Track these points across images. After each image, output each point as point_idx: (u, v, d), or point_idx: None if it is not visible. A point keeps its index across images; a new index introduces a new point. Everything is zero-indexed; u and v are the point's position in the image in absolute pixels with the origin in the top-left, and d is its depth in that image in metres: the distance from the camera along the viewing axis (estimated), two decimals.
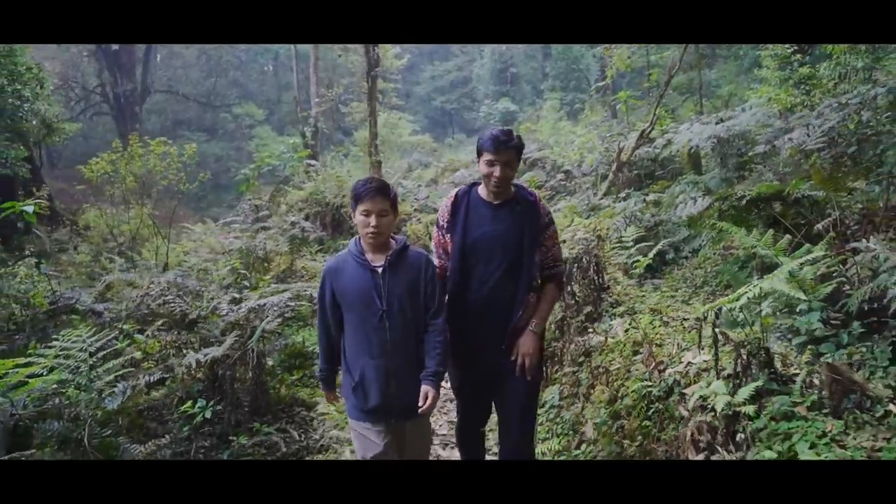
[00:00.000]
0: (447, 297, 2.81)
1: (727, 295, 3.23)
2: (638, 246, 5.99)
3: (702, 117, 8.61)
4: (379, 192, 2.58)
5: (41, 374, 3.58)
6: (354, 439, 2.77)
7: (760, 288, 2.19)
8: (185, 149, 8.55)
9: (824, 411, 2.13)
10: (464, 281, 2.77)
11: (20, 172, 13.66)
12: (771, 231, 3.86)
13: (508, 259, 2.73)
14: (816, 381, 2.34)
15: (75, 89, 30.72)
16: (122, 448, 3.24)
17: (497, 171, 2.68)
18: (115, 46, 29.66)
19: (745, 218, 5.45)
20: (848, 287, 3.70)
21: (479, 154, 2.76)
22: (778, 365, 2.51)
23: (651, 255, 5.82)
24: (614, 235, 6.22)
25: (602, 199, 9.02)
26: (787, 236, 3.85)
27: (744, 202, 5.02)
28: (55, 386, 3.53)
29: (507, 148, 2.68)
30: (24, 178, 14.26)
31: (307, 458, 3.97)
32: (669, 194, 7.61)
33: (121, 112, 29.51)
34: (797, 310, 3.51)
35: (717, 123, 7.59)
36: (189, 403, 3.70)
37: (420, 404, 2.58)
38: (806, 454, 1.88)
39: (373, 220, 2.57)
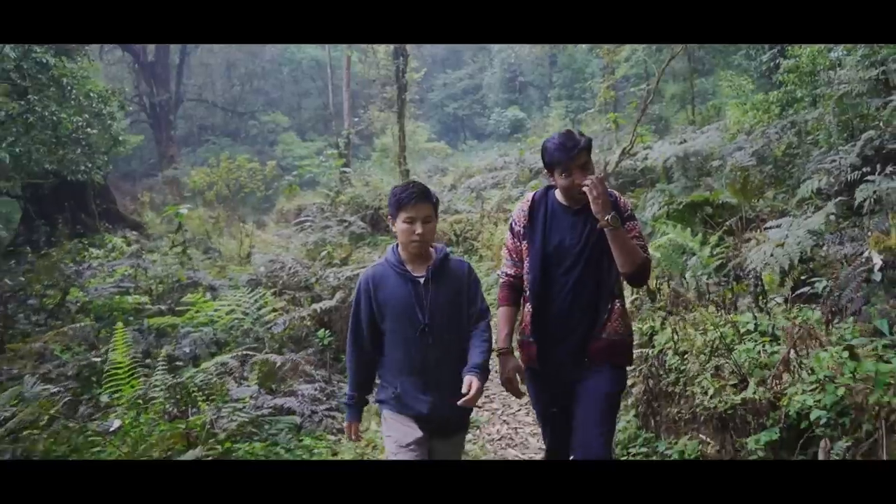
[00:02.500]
0: (529, 310, 2.67)
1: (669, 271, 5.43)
2: None
3: (670, 137, 10.68)
4: (422, 198, 2.46)
5: (222, 317, 5.79)
6: (388, 429, 2.56)
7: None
8: (267, 165, 10.80)
9: (668, 309, 4.31)
10: (545, 292, 2.62)
11: (95, 179, 15.87)
12: (679, 227, 5.97)
13: (590, 266, 2.58)
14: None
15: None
16: (286, 353, 5.42)
17: (578, 178, 2.53)
18: (150, 58, 32.10)
19: (688, 218, 7.57)
20: (732, 261, 5.85)
21: (551, 169, 2.61)
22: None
23: None
24: None
25: None
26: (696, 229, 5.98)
27: (682, 206, 7.12)
28: (235, 321, 5.72)
29: (577, 153, 2.53)
30: (98, 185, 16.50)
31: None
32: (642, 199, 9.72)
33: (157, 120, 31.88)
34: (699, 273, 5.66)
35: (679, 143, 9.69)
36: (321, 332, 5.89)
37: (463, 391, 2.36)
38: (659, 330, 4.05)
39: (418, 228, 2.44)
